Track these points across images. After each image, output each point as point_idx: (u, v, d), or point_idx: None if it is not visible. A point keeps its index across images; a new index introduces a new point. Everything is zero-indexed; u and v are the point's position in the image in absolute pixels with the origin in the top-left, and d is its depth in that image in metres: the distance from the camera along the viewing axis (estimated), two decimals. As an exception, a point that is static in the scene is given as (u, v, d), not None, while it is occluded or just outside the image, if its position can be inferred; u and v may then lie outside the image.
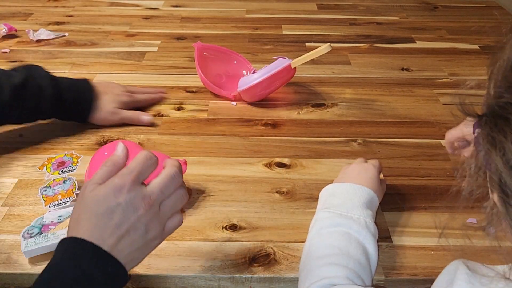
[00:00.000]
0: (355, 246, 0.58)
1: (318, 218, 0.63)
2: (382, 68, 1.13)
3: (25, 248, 0.60)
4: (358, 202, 0.63)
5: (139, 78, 1.07)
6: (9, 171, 0.78)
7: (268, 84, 0.93)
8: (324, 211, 0.64)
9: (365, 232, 0.60)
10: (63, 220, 0.65)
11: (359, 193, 0.65)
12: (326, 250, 0.58)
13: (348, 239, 0.59)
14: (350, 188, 0.66)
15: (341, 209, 0.63)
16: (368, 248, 0.59)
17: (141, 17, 1.40)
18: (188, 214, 0.70)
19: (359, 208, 0.62)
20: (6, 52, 1.17)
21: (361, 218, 0.61)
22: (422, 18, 1.44)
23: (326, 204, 0.65)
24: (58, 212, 0.66)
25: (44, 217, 0.65)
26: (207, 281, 0.62)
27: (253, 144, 0.86)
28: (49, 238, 0.62)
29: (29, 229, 0.63)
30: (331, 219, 0.62)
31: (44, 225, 0.64)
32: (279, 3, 1.53)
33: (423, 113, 0.96)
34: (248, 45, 1.23)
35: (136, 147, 0.75)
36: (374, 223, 0.63)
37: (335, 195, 0.66)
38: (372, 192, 0.65)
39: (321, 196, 0.69)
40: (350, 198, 0.64)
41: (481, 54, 1.20)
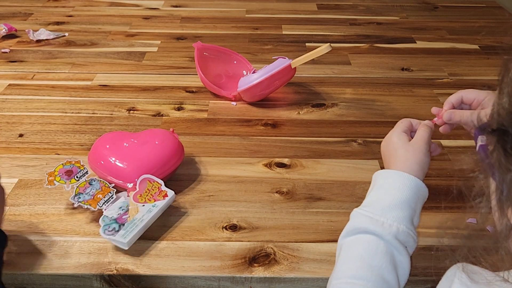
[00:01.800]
0: (381, 257, 0.52)
1: (351, 217, 0.57)
2: (382, 68, 1.13)
3: (124, 239, 0.62)
4: (398, 200, 0.55)
5: (139, 78, 1.07)
6: (9, 171, 0.78)
7: (268, 84, 0.93)
8: (357, 211, 0.56)
9: (396, 242, 0.53)
10: (126, 209, 0.67)
11: (401, 186, 0.55)
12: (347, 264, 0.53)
13: (375, 250, 0.52)
14: (393, 180, 0.56)
15: (375, 209, 0.55)
16: (397, 259, 0.53)
17: (141, 17, 1.40)
18: (188, 214, 0.70)
19: (396, 209, 0.54)
20: (6, 52, 1.17)
21: (394, 224, 0.53)
22: (422, 18, 1.44)
23: (365, 200, 0.58)
24: (115, 205, 0.67)
25: (107, 216, 0.66)
26: (207, 281, 0.62)
27: (253, 144, 0.86)
28: (136, 224, 0.65)
29: (107, 228, 0.64)
30: (361, 222, 0.55)
31: (116, 219, 0.65)
32: (279, 3, 1.53)
33: (423, 113, 0.96)
34: (248, 45, 1.23)
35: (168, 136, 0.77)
36: (413, 226, 0.55)
37: (376, 186, 0.58)
38: (419, 182, 0.56)
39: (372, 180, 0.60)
40: (390, 194, 0.55)
41: (481, 54, 1.20)
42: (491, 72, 1.11)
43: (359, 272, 0.51)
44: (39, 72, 1.08)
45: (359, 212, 0.56)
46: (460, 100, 0.64)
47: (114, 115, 0.93)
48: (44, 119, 0.92)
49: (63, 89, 1.02)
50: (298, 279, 0.62)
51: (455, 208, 0.72)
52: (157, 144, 0.75)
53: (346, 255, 0.54)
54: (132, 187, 0.70)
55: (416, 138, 0.60)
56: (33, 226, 0.68)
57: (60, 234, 0.67)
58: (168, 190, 0.70)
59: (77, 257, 0.63)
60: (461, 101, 0.64)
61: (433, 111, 0.67)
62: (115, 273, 0.61)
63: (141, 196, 0.69)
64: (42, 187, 0.75)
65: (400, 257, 0.53)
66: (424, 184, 0.57)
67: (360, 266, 0.52)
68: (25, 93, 1.00)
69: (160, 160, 0.74)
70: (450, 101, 0.65)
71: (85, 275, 0.61)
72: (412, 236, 0.54)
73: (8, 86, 1.03)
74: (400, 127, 0.62)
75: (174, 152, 0.76)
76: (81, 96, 0.99)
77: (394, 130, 0.62)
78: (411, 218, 0.55)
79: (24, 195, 0.73)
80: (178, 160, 0.76)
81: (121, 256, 0.64)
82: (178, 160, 0.76)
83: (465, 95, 0.64)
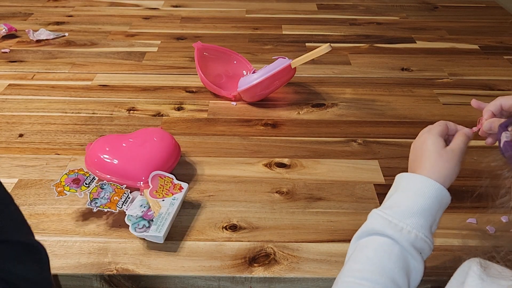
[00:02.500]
0: (394, 262, 0.51)
1: (369, 217, 0.56)
2: (382, 68, 1.13)
3: (159, 233, 0.64)
4: (420, 207, 0.53)
5: (139, 78, 1.07)
6: (9, 171, 0.78)
7: (268, 84, 0.93)
8: (377, 213, 0.55)
9: (412, 249, 0.52)
10: (148, 206, 0.68)
11: (424, 193, 0.54)
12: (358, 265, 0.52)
13: (389, 254, 0.52)
14: (417, 185, 0.55)
15: (395, 213, 0.54)
16: (412, 265, 0.52)
17: (141, 17, 1.40)
18: (188, 214, 0.70)
19: (416, 216, 0.53)
20: (6, 52, 1.17)
21: (413, 232, 0.52)
22: (422, 18, 1.44)
23: (386, 202, 0.57)
24: (135, 204, 0.68)
25: (132, 215, 0.66)
26: (207, 281, 0.62)
27: (253, 144, 0.86)
28: (165, 217, 0.66)
29: (138, 226, 0.65)
30: (380, 224, 0.54)
31: (142, 216, 0.66)
32: (279, 3, 1.53)
33: (423, 113, 0.96)
34: (248, 45, 1.23)
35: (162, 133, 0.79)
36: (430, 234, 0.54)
37: (400, 189, 0.57)
38: (444, 190, 0.55)
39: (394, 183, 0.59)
40: (413, 200, 0.54)
41: (481, 54, 1.20)
42: (491, 72, 1.11)
43: (370, 274, 0.51)
44: (39, 72, 1.08)
45: (379, 214, 0.55)
46: (500, 107, 0.60)
47: (114, 115, 0.93)
48: (44, 119, 0.92)
49: (63, 89, 1.02)
50: (298, 279, 0.62)
51: (454, 208, 0.72)
52: (155, 140, 0.76)
53: (359, 254, 0.53)
54: (145, 185, 0.70)
55: (452, 146, 0.57)
56: (33, 226, 0.67)
57: (60, 234, 0.67)
58: (182, 183, 0.72)
59: (77, 257, 0.63)
60: (500, 108, 0.60)
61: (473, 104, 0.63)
62: (115, 273, 0.61)
63: (157, 192, 0.70)
64: (42, 187, 0.75)
65: (414, 263, 0.52)
66: (448, 193, 0.55)
67: (372, 268, 0.51)
68: (25, 93, 1.00)
69: (165, 155, 0.76)
70: (489, 109, 0.60)
71: (85, 275, 0.61)
72: (428, 244, 0.53)
73: (8, 86, 1.03)
74: (437, 130, 0.59)
75: (173, 146, 0.78)
76: (81, 96, 0.99)
77: (430, 132, 0.59)
78: (431, 226, 0.54)
79: (24, 195, 0.73)
80: (178, 153, 0.79)
81: (121, 256, 0.64)
82: (178, 153, 0.79)
83: (504, 102, 0.60)
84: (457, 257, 0.64)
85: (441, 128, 0.59)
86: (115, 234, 0.67)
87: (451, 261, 0.63)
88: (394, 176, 0.78)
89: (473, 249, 0.56)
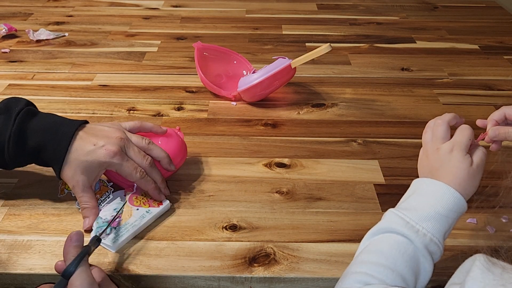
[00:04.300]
0: (405, 261, 0.53)
1: (385, 216, 0.58)
2: (382, 68, 1.13)
3: (113, 244, 0.63)
4: (438, 212, 0.55)
5: (139, 78, 1.07)
6: (9, 171, 0.78)
7: (268, 84, 0.93)
8: (394, 212, 0.57)
9: (425, 250, 0.54)
10: (121, 211, 0.67)
11: (445, 200, 0.56)
12: (372, 256, 0.54)
13: (403, 252, 0.53)
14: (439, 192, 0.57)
15: (413, 215, 0.55)
16: (422, 266, 0.54)
17: (141, 17, 1.40)
18: (188, 214, 0.70)
19: (433, 221, 0.55)
20: (6, 52, 1.17)
21: (428, 235, 0.54)
22: (422, 18, 1.44)
23: (403, 203, 0.59)
24: (110, 206, 0.68)
25: (101, 217, 0.66)
26: (207, 281, 0.62)
27: (253, 144, 0.86)
28: (128, 228, 0.65)
29: (98, 230, 0.64)
30: (396, 223, 0.55)
31: (109, 221, 0.65)
32: (279, 3, 1.53)
33: (423, 113, 0.96)
34: (248, 45, 1.23)
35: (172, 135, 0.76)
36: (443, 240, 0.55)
37: (419, 193, 0.58)
38: (463, 201, 0.57)
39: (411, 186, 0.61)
40: (431, 204, 0.56)
41: (481, 54, 1.20)
42: (491, 72, 1.11)
43: (382, 268, 0.52)
44: (39, 72, 1.08)
45: (396, 214, 0.56)
46: (503, 116, 0.63)
47: (114, 115, 0.93)
48: (44, 119, 0.92)
49: (63, 89, 1.02)
50: (298, 279, 0.62)
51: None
52: (160, 144, 0.73)
53: (373, 248, 0.55)
54: (129, 189, 0.70)
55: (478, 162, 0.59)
56: (33, 226, 0.68)
57: (60, 234, 0.67)
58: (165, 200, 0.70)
59: (77, 257, 0.63)
60: (504, 117, 0.63)
61: (478, 123, 0.66)
62: (115, 273, 0.61)
63: (137, 198, 0.68)
64: (42, 187, 0.75)
65: (425, 265, 0.53)
66: (466, 204, 0.57)
67: (385, 263, 0.52)
68: (25, 93, 1.00)
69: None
70: (493, 118, 0.64)
71: (85, 275, 0.61)
72: (440, 249, 0.55)
73: (8, 86, 1.03)
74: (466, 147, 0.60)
75: (177, 151, 0.75)
76: (81, 96, 0.99)
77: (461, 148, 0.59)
78: (445, 232, 0.55)
79: (24, 195, 0.73)
80: (182, 159, 0.76)
81: (121, 256, 0.64)
82: (182, 159, 0.76)
83: (508, 111, 0.63)
84: (457, 257, 0.64)
85: (469, 144, 0.60)
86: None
87: (451, 261, 0.63)
88: (394, 176, 0.78)
89: (473, 249, 0.56)
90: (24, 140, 0.65)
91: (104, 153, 0.65)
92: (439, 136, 0.62)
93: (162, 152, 0.70)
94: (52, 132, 0.65)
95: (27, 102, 0.69)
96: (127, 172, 0.66)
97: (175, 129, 0.78)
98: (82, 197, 0.66)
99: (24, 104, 0.68)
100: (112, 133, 0.67)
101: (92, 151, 0.65)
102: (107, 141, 0.66)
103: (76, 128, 0.66)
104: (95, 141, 0.66)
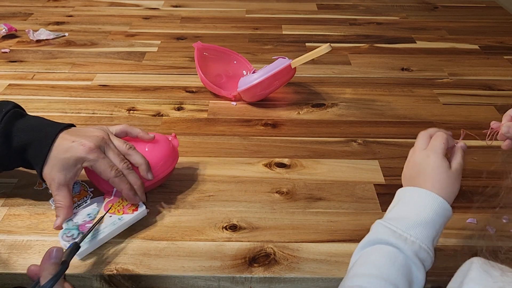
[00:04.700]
0: (397, 270, 0.52)
1: (373, 228, 0.58)
2: (382, 68, 1.13)
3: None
4: (424, 219, 0.55)
5: (139, 78, 1.07)
6: (9, 171, 0.78)
7: (268, 84, 0.93)
8: (381, 223, 0.57)
9: (416, 258, 0.53)
10: (94, 217, 0.66)
11: (429, 206, 0.56)
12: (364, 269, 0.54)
13: (393, 261, 0.53)
14: (422, 199, 0.57)
15: (400, 224, 0.55)
16: (414, 275, 0.53)
17: (141, 17, 1.40)
18: (188, 214, 0.70)
19: (420, 227, 0.55)
20: (6, 52, 1.17)
21: (417, 242, 0.54)
22: (422, 18, 1.44)
23: (389, 214, 0.59)
24: (84, 211, 0.67)
25: (73, 219, 0.66)
26: (207, 281, 0.62)
27: (253, 144, 0.86)
28: (95, 235, 0.63)
29: (66, 233, 0.64)
30: (384, 234, 0.55)
31: (80, 225, 0.65)
32: (279, 3, 1.53)
33: (423, 113, 0.96)
34: (248, 45, 1.23)
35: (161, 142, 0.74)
36: (432, 246, 0.55)
37: (403, 202, 0.59)
38: (447, 205, 0.57)
39: (395, 197, 0.61)
40: (417, 212, 0.56)
41: (481, 54, 1.20)
42: (491, 72, 1.11)
43: (375, 279, 0.51)
44: (39, 72, 1.08)
45: (383, 225, 0.56)
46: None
47: (114, 115, 0.93)
48: (44, 119, 0.92)
49: (63, 89, 1.02)
50: (298, 279, 0.62)
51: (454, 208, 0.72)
52: (146, 150, 0.71)
53: (365, 261, 0.54)
54: (108, 194, 0.69)
55: (456, 165, 0.60)
56: (33, 226, 0.68)
57: (60, 234, 0.67)
58: (140, 204, 0.67)
59: (77, 257, 0.63)
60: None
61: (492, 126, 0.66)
62: (115, 273, 0.61)
63: (112, 205, 0.67)
64: (42, 187, 0.75)
65: (417, 273, 0.53)
66: (451, 209, 0.58)
67: (378, 273, 0.52)
68: (25, 93, 1.00)
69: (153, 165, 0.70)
70: (509, 113, 0.63)
71: (85, 275, 0.61)
72: (430, 256, 0.55)
73: (8, 86, 1.03)
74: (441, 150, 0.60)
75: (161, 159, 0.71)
76: (81, 96, 0.99)
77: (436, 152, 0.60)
78: (433, 239, 0.56)
79: (24, 195, 0.73)
80: (168, 167, 0.72)
81: (121, 256, 0.64)
82: (168, 167, 0.72)
83: None
84: (457, 257, 0.64)
85: (444, 146, 0.61)
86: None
87: (451, 261, 0.63)
88: (394, 176, 0.78)
89: (473, 249, 0.56)
90: (10, 140, 0.66)
91: (81, 149, 0.65)
92: (417, 146, 0.63)
93: (141, 159, 0.68)
94: (36, 132, 0.66)
95: (15, 105, 0.70)
96: (101, 169, 0.65)
97: (169, 136, 0.76)
98: (56, 195, 0.66)
99: (12, 106, 0.68)
100: (93, 133, 0.67)
101: (70, 147, 0.65)
102: (86, 138, 0.66)
103: (60, 129, 0.67)
104: (74, 138, 0.66)
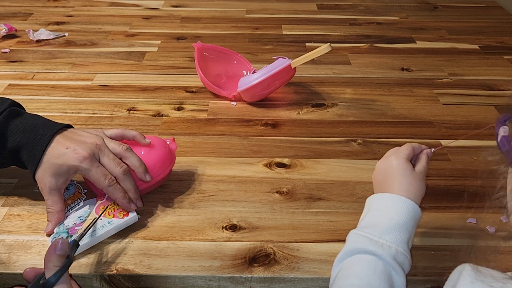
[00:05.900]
0: (379, 278, 0.52)
1: (348, 239, 0.58)
2: (382, 68, 1.13)
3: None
4: (396, 223, 0.56)
5: (139, 78, 1.07)
6: (9, 171, 0.78)
7: (268, 84, 0.93)
8: (356, 233, 0.58)
9: (394, 263, 0.54)
10: (84, 220, 0.66)
11: (399, 210, 0.57)
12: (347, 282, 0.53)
13: (373, 269, 0.53)
14: (392, 203, 0.58)
15: (374, 231, 0.56)
16: (395, 280, 0.54)
17: (141, 17, 1.40)
18: (188, 214, 0.70)
19: (394, 232, 0.56)
20: (6, 52, 1.17)
21: (393, 246, 0.54)
22: (422, 18, 1.44)
23: (362, 222, 0.60)
24: (76, 214, 0.67)
25: (64, 222, 0.66)
26: (207, 281, 0.62)
27: (253, 144, 0.86)
28: (83, 239, 0.63)
29: (56, 236, 0.64)
30: (361, 243, 0.56)
31: (70, 228, 0.65)
32: (279, 3, 1.53)
33: (423, 113, 0.96)
34: (248, 45, 1.23)
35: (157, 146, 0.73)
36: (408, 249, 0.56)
37: (373, 209, 0.60)
38: (416, 206, 0.58)
39: (365, 206, 0.62)
40: (388, 217, 0.57)
41: (481, 54, 1.20)
42: (491, 72, 1.11)
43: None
44: (39, 72, 1.08)
45: (358, 234, 0.57)
46: None
47: (114, 115, 0.93)
48: (44, 119, 0.92)
49: (63, 89, 1.02)
50: (298, 279, 0.62)
51: (454, 208, 0.72)
52: (143, 153, 0.70)
53: (346, 272, 0.54)
54: (101, 196, 0.69)
55: (420, 168, 0.62)
56: (33, 226, 0.68)
57: (60, 234, 0.67)
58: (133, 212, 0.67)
59: (77, 257, 0.63)
60: None
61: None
62: (115, 273, 0.61)
63: (104, 207, 0.67)
64: (42, 187, 0.75)
65: (397, 277, 0.54)
66: (420, 209, 0.59)
67: (360, 283, 0.52)
68: (25, 93, 1.00)
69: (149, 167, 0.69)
70: None
71: (85, 275, 0.61)
72: (408, 258, 0.55)
73: (8, 86, 1.03)
74: (405, 154, 0.62)
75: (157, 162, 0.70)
76: (81, 96, 0.99)
77: (399, 156, 0.62)
78: (408, 241, 0.56)
79: (24, 195, 0.73)
80: (164, 171, 0.71)
81: (121, 256, 0.64)
82: (164, 171, 0.71)
83: None
84: (457, 257, 0.64)
85: (408, 152, 0.63)
86: (115, 234, 0.67)
87: (451, 261, 0.63)
88: (394, 176, 0.78)
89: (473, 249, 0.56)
90: (4, 141, 0.66)
91: (74, 157, 0.64)
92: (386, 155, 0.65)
93: (138, 161, 0.67)
94: (31, 134, 0.65)
95: (12, 103, 0.69)
96: (95, 178, 0.64)
97: (167, 140, 0.75)
98: (47, 200, 0.65)
99: (8, 104, 0.68)
100: (88, 139, 0.66)
101: (63, 154, 0.64)
102: (80, 145, 0.65)
103: (55, 131, 0.66)
104: (69, 144, 0.65)
